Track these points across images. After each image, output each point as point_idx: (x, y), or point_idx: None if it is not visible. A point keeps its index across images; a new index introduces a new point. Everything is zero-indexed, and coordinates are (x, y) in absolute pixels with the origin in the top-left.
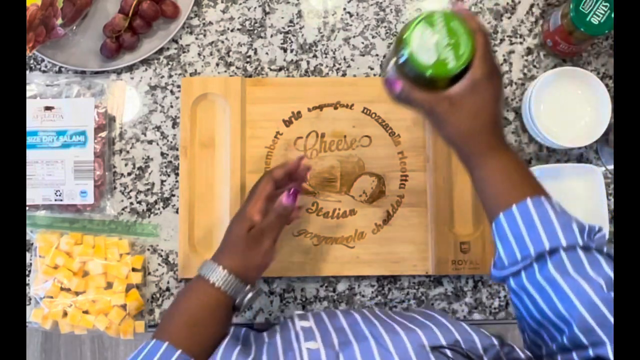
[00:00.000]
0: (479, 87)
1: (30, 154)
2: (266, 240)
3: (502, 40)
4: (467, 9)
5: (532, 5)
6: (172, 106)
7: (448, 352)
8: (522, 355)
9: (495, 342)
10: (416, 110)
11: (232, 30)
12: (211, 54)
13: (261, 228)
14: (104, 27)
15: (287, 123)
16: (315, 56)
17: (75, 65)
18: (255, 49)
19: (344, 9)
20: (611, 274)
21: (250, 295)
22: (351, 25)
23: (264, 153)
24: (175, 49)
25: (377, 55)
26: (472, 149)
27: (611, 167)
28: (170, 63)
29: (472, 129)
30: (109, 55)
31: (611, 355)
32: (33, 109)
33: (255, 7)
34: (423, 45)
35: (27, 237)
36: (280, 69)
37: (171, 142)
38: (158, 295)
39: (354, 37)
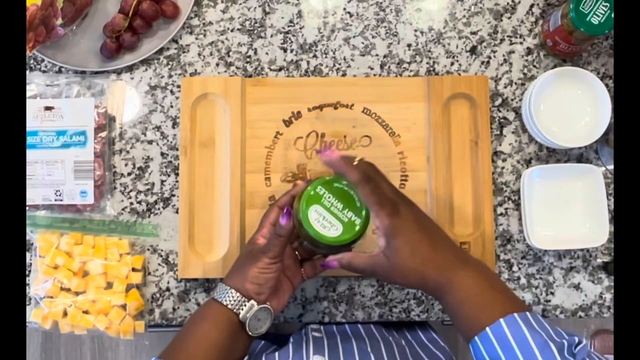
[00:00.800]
0: (395, 228)
1: (30, 154)
2: (262, 256)
3: (502, 40)
4: (333, 156)
5: (532, 5)
6: (172, 106)
7: None
8: None
9: None
10: (361, 273)
11: (232, 30)
12: (211, 54)
13: (261, 247)
14: (104, 27)
15: (287, 123)
16: (315, 56)
17: (75, 65)
18: (255, 49)
19: (344, 9)
20: None
21: (253, 310)
22: (351, 25)
23: (264, 153)
24: (175, 49)
25: (377, 55)
26: (430, 283)
27: (611, 167)
28: (170, 63)
29: (419, 265)
30: (109, 55)
31: None
32: (33, 109)
33: (255, 7)
34: (324, 224)
35: (27, 237)
36: (280, 69)
37: (171, 142)
38: (158, 295)
39: (354, 37)
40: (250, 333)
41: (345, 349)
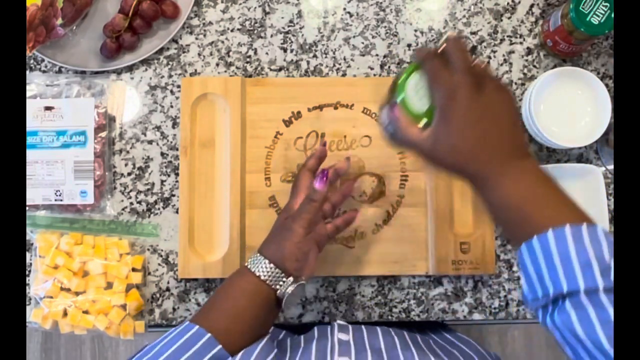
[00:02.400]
0: (443, 112)
1: (30, 154)
2: (296, 226)
3: (502, 40)
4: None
5: (532, 5)
6: (172, 106)
7: None
8: None
9: None
10: (412, 149)
11: (232, 30)
12: (211, 54)
13: (292, 215)
14: (104, 27)
15: (287, 123)
16: (315, 56)
17: (75, 65)
18: (255, 49)
19: (344, 9)
20: None
21: (291, 287)
22: (351, 25)
23: (264, 153)
24: (175, 49)
25: (377, 55)
26: (470, 175)
27: (611, 167)
28: (170, 63)
29: (459, 158)
30: (109, 55)
31: None
32: (33, 109)
33: (255, 7)
34: (417, 92)
35: (27, 237)
36: (280, 69)
37: (171, 142)
38: (158, 295)
39: (354, 37)
40: (284, 307)
41: (373, 346)
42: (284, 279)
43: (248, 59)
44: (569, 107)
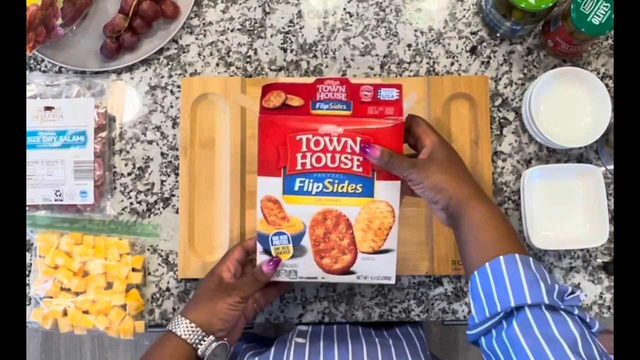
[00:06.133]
0: (440, 143)
1: (30, 154)
2: (235, 294)
3: (502, 40)
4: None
5: None
6: (172, 106)
7: None
8: None
9: None
10: (399, 172)
11: (232, 30)
12: (211, 54)
13: (232, 283)
14: (104, 27)
15: None
16: (315, 56)
17: (75, 65)
18: (255, 49)
19: (344, 9)
20: (577, 335)
21: (213, 345)
22: (351, 25)
23: None
24: (175, 49)
25: (377, 55)
26: (454, 195)
27: (611, 167)
28: (170, 63)
29: (452, 173)
30: (109, 55)
31: None
32: (33, 109)
33: (255, 7)
34: None
35: (27, 237)
36: (280, 69)
37: (171, 142)
38: (158, 295)
39: (354, 37)
40: None
41: (326, 356)
42: (205, 338)
43: (248, 59)
44: (569, 107)
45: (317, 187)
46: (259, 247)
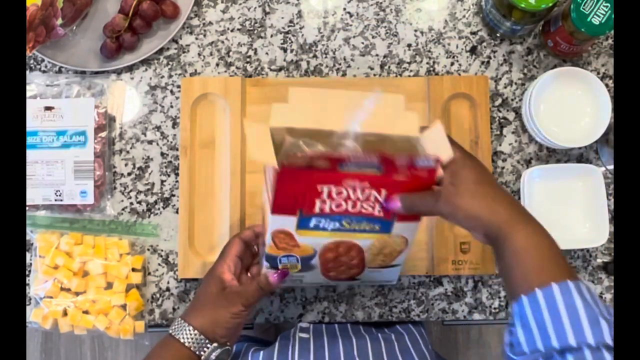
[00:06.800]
0: (464, 160)
1: (30, 154)
2: (239, 303)
3: (502, 40)
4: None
5: None
6: (172, 106)
7: None
8: None
9: None
10: (426, 213)
11: (232, 30)
12: (211, 54)
13: (237, 292)
14: (104, 27)
15: None
16: (315, 56)
17: (75, 65)
18: (255, 49)
19: (344, 9)
20: None
21: (216, 352)
22: (351, 25)
23: None
24: (175, 49)
25: (377, 55)
26: (492, 221)
27: (611, 167)
28: (170, 63)
29: (484, 195)
30: (109, 55)
31: None
32: (33, 109)
33: (255, 7)
34: None
35: (27, 237)
36: (280, 69)
37: (171, 142)
38: (158, 295)
39: (354, 37)
40: None
41: (331, 350)
42: (209, 345)
43: (248, 59)
44: (569, 107)
45: (334, 225)
46: (266, 264)
